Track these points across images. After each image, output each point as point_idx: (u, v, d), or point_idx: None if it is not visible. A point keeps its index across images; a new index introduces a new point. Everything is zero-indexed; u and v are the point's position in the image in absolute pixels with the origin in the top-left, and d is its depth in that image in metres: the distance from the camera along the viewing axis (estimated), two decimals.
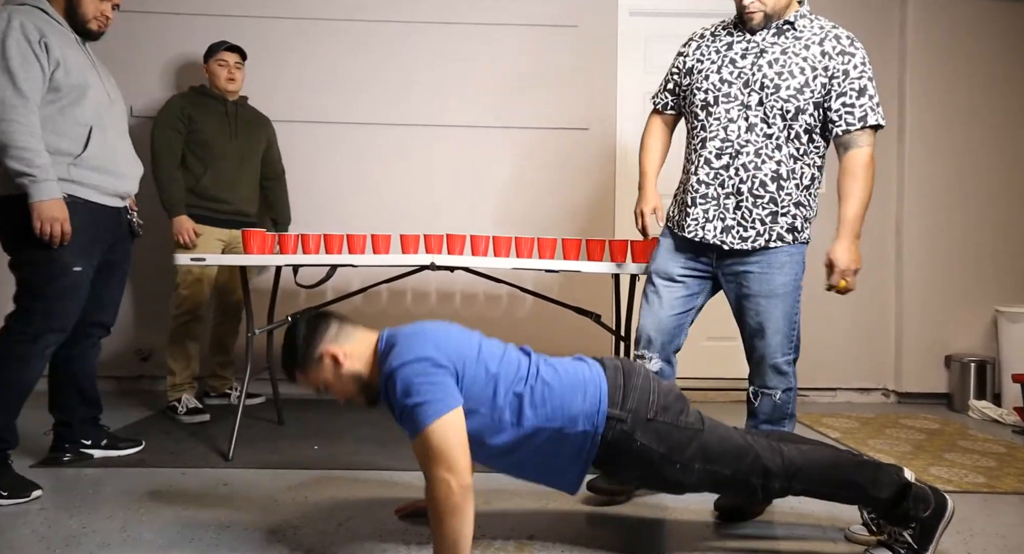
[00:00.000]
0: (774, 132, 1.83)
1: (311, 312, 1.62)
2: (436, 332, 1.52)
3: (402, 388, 1.41)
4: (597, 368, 1.57)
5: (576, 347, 3.43)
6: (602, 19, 3.48)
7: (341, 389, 1.56)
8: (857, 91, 1.80)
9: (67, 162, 2.00)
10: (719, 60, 1.90)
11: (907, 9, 3.45)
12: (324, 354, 1.53)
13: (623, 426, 1.48)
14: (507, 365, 1.52)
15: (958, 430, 2.94)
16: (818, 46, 1.83)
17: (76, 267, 2.03)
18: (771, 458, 1.52)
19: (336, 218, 3.38)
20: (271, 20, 3.41)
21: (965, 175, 3.47)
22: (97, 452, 2.28)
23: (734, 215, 1.87)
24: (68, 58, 2.01)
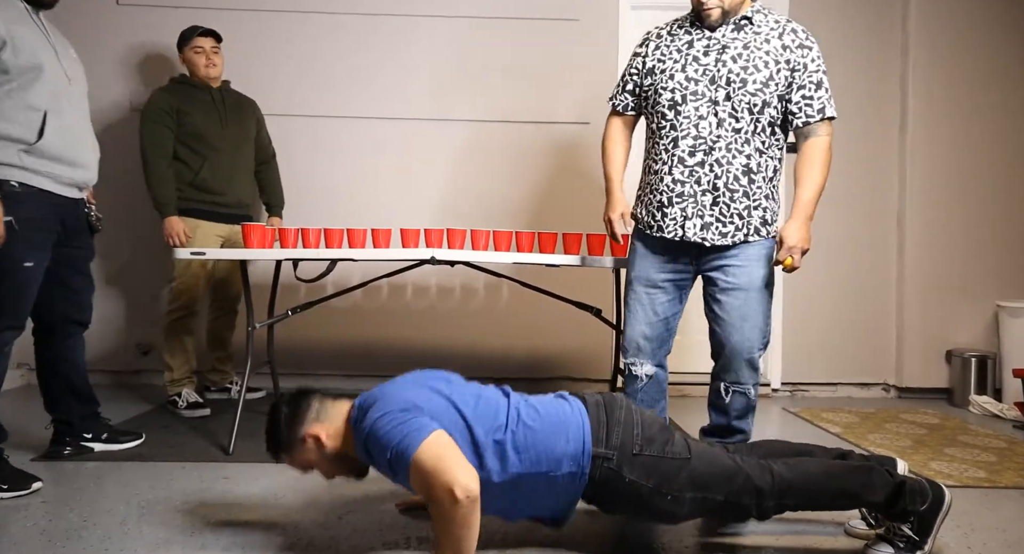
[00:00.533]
0: (742, 126, 1.86)
1: (291, 394, 1.58)
2: (404, 388, 1.50)
3: (381, 441, 1.38)
4: (578, 406, 1.54)
5: (577, 340, 3.46)
6: (603, 13, 3.46)
7: (327, 469, 1.56)
8: (815, 84, 1.86)
9: (18, 148, 1.88)
10: (682, 58, 1.91)
11: (909, 4, 3.43)
12: (307, 436, 1.51)
13: (610, 464, 1.47)
14: (484, 411, 1.49)
15: (958, 425, 2.94)
16: (778, 39, 1.87)
17: (27, 262, 1.93)
18: (761, 477, 1.51)
19: (337, 212, 3.37)
20: (270, 14, 3.40)
21: (967, 170, 3.46)
22: (98, 446, 2.28)
23: (711, 211, 1.88)
24: (16, 36, 1.86)
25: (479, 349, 3.47)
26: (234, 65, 3.38)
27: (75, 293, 2.16)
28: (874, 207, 3.52)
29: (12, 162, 1.87)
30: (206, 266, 2.88)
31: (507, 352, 3.48)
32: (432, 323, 3.46)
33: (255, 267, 3.18)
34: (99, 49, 3.37)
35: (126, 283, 3.42)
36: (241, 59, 3.38)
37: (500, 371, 3.47)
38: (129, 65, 3.37)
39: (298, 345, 3.39)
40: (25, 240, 1.91)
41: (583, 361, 3.48)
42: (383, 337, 3.45)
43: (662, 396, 2.05)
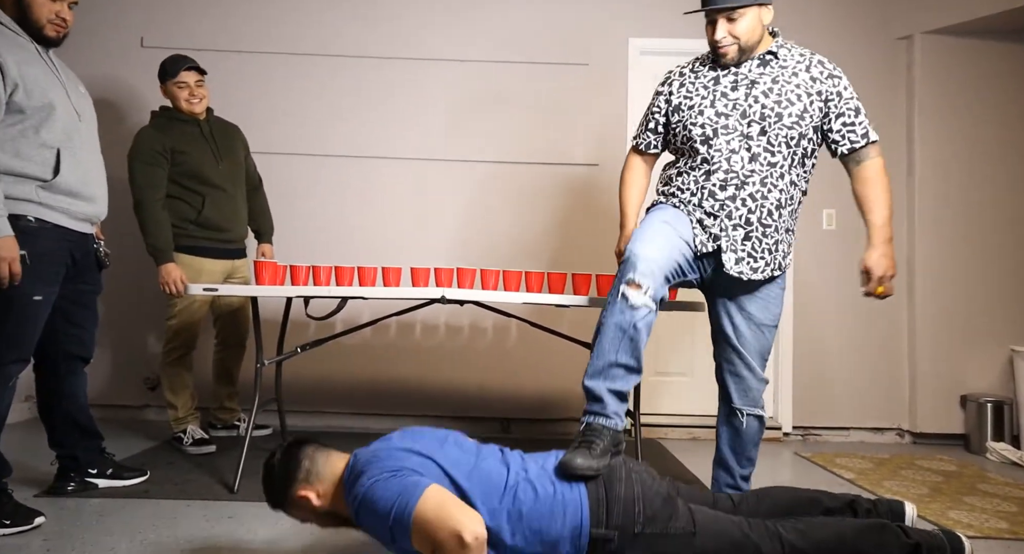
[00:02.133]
0: (778, 161, 1.86)
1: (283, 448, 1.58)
2: (396, 452, 1.47)
3: (377, 505, 1.35)
4: (579, 485, 1.47)
5: None
6: (613, 58, 3.55)
7: (320, 523, 1.57)
8: (854, 110, 1.87)
9: (36, 185, 1.91)
10: (709, 95, 1.90)
11: (914, 50, 3.49)
12: (297, 497, 1.51)
13: (611, 546, 1.41)
14: (479, 481, 1.44)
15: (977, 473, 2.87)
16: (806, 72, 1.88)
17: (36, 296, 1.93)
18: (771, 547, 1.45)
19: (348, 250, 3.41)
20: (294, 57, 3.50)
21: (976, 213, 3.46)
22: (102, 481, 2.27)
23: (743, 246, 1.87)
24: (28, 77, 1.90)
25: (487, 388, 3.45)
26: (258, 105, 3.48)
27: (79, 328, 2.17)
28: None
29: (29, 198, 1.91)
30: (206, 303, 2.86)
31: (515, 392, 3.45)
32: (441, 362, 3.45)
33: (264, 302, 3.20)
34: (124, 89, 3.48)
35: (132, 318, 3.44)
36: (265, 100, 3.48)
37: (508, 411, 3.44)
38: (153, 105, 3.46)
39: (306, 382, 3.39)
40: (36, 274, 1.92)
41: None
42: (391, 375, 3.43)
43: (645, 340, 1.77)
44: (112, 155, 3.55)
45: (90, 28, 3.43)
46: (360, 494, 1.40)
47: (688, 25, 3.53)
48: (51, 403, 2.18)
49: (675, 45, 3.54)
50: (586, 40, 3.54)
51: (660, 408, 3.49)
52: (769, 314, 1.95)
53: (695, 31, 3.51)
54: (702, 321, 3.52)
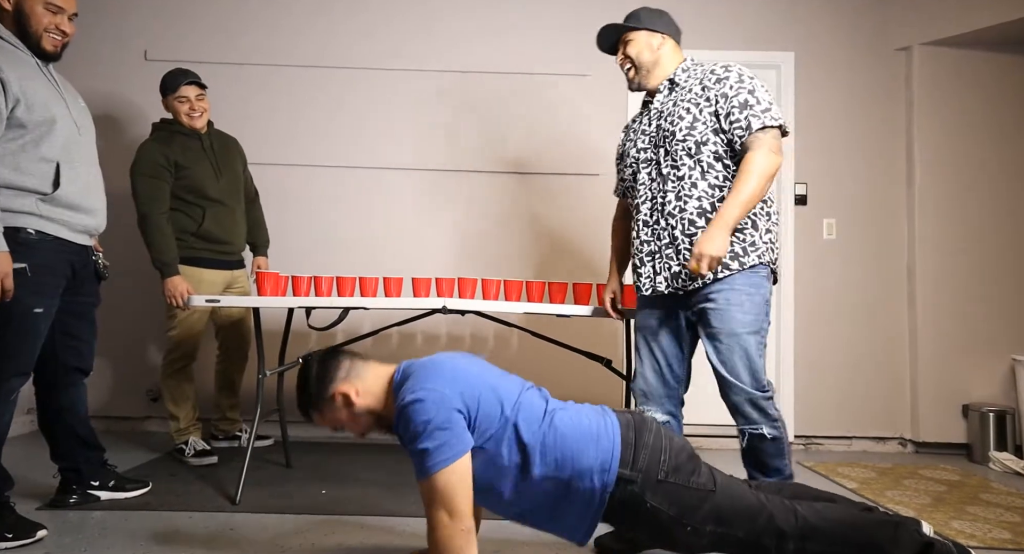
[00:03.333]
0: (684, 173, 1.95)
1: (322, 352, 1.64)
2: (452, 367, 1.53)
3: (413, 427, 1.42)
4: (614, 423, 1.54)
5: (586, 392, 3.42)
6: (613, 69, 3.55)
7: (356, 426, 1.59)
8: (739, 106, 1.89)
9: (36, 198, 1.91)
10: (635, 136, 2.10)
11: (913, 61, 3.52)
12: (336, 393, 1.55)
13: (633, 487, 1.46)
14: (523, 408, 1.51)
15: (979, 482, 2.86)
16: (698, 85, 1.97)
17: (37, 308, 1.93)
18: (785, 518, 1.48)
19: (348, 261, 3.42)
20: (296, 69, 3.53)
21: (977, 222, 3.47)
22: (104, 494, 2.26)
23: (675, 260, 1.95)
24: (29, 92, 1.90)
25: None
26: (257, 116, 3.50)
27: (78, 341, 2.17)
28: (884, 260, 3.53)
29: (30, 211, 1.91)
30: (207, 314, 2.87)
31: None
32: None
33: (266, 313, 3.20)
34: (127, 103, 3.50)
35: (134, 330, 3.45)
36: (264, 110, 3.50)
37: None
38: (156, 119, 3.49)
39: None
40: (36, 286, 1.92)
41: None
42: None
43: None
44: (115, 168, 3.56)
45: (93, 41, 3.46)
46: (406, 404, 1.45)
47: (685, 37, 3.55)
48: (51, 416, 2.18)
49: None
50: (586, 51, 3.56)
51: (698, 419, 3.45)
52: (730, 321, 1.87)
53: (692, 43, 3.54)
54: None
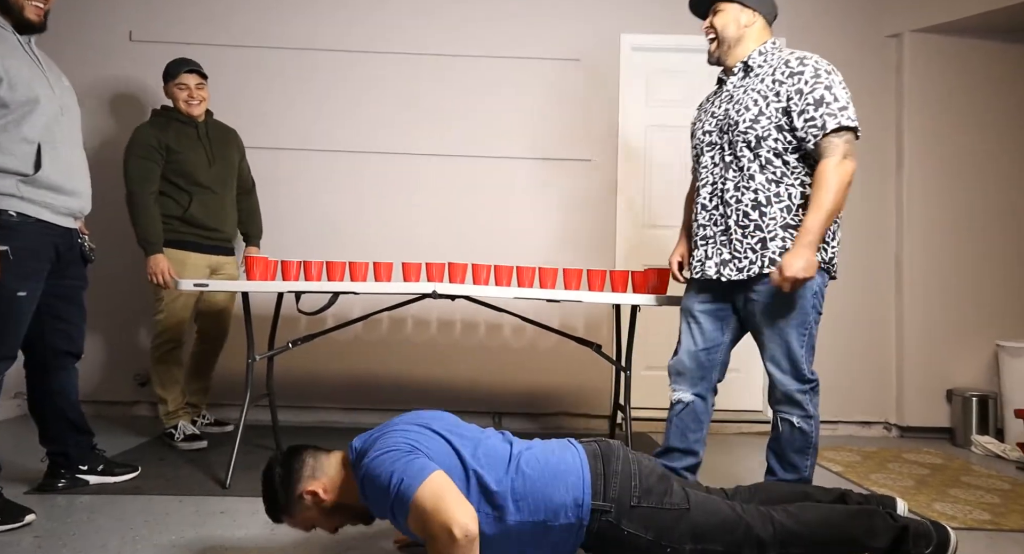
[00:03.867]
0: (744, 164, 1.93)
1: (283, 454, 1.58)
2: (404, 428, 1.50)
3: (378, 482, 1.38)
4: (581, 456, 1.53)
5: (577, 377, 3.45)
6: (605, 54, 3.55)
7: (328, 522, 1.56)
8: (813, 104, 1.83)
9: (17, 180, 1.89)
10: (704, 117, 2.08)
11: (903, 48, 3.52)
12: (304, 493, 1.51)
13: (608, 516, 1.45)
14: (484, 454, 1.49)
15: (961, 465, 2.91)
16: (770, 76, 1.92)
17: (20, 292, 1.92)
18: (763, 527, 1.50)
19: (339, 245, 3.40)
20: (285, 51, 3.48)
21: (964, 210, 3.50)
22: (93, 478, 2.26)
23: (727, 248, 1.96)
24: (12, 70, 1.87)
25: (479, 383, 3.46)
26: (247, 100, 3.46)
27: (67, 324, 2.15)
28: (871, 247, 3.56)
29: (11, 192, 1.88)
30: (193, 298, 2.85)
31: (506, 387, 3.46)
32: (432, 357, 3.45)
33: (255, 297, 3.19)
34: (112, 83, 3.45)
35: (121, 313, 3.42)
36: (254, 94, 3.46)
37: (499, 405, 3.45)
38: (141, 99, 3.44)
39: (298, 377, 3.38)
40: (19, 270, 1.90)
41: (583, 397, 3.46)
42: (383, 370, 3.44)
43: (699, 427, 2.06)
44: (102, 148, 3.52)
45: (78, 22, 3.40)
46: (366, 467, 1.42)
47: (679, 21, 3.54)
48: (41, 400, 2.17)
49: (667, 41, 3.55)
50: (578, 36, 3.54)
51: (650, 402, 3.51)
52: (774, 313, 1.90)
53: (687, 27, 3.52)
54: None
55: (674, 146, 3.62)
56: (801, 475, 1.94)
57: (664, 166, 3.62)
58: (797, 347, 1.89)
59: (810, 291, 1.88)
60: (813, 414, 1.92)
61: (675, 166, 3.61)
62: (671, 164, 3.62)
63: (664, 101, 3.64)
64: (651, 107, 3.62)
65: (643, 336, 3.41)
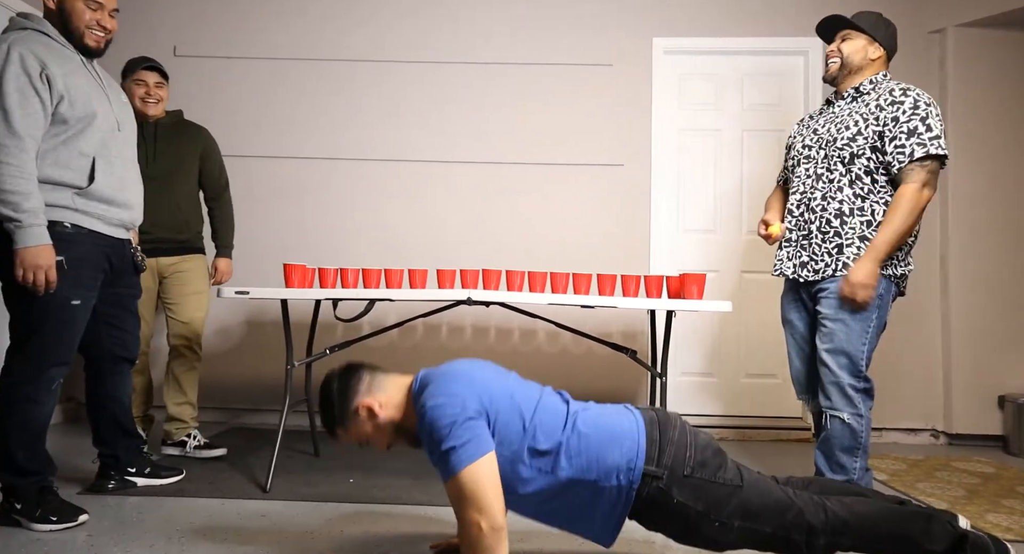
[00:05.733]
0: (835, 177, 2.06)
1: (341, 367, 1.63)
2: (470, 373, 1.53)
3: (434, 430, 1.42)
4: (638, 420, 1.54)
5: (611, 382, 3.43)
6: (637, 58, 3.54)
7: (381, 439, 1.60)
8: (906, 133, 1.96)
9: (72, 192, 1.95)
10: (805, 132, 2.22)
11: (947, 44, 3.42)
12: (360, 407, 1.55)
13: (659, 483, 1.45)
14: (543, 412, 1.51)
15: (1016, 475, 2.80)
16: (875, 102, 2.04)
17: (75, 300, 1.97)
18: (814, 514, 1.47)
19: (372, 253, 3.45)
20: (317, 62, 3.56)
21: (1013, 207, 3.38)
22: (140, 480, 2.33)
23: (807, 251, 2.11)
24: (72, 88, 1.94)
25: None
26: (280, 109, 3.54)
27: (121, 331, 2.22)
28: (916, 248, 3.44)
29: (66, 204, 1.95)
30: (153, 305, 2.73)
31: None
32: None
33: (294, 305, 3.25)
34: None
35: None
36: (283, 104, 3.54)
37: None
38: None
39: None
40: (73, 279, 1.95)
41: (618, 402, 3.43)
42: None
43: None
44: None
45: (123, 37, 3.52)
46: (426, 408, 1.45)
47: (712, 24, 3.51)
48: (96, 403, 2.25)
49: (699, 44, 3.52)
50: (610, 40, 3.54)
51: (687, 409, 3.47)
52: (836, 307, 2.02)
53: (719, 30, 3.49)
54: (727, 321, 3.50)
55: (707, 149, 3.58)
56: (849, 477, 1.95)
57: (697, 169, 3.58)
58: (857, 341, 1.99)
59: (875, 292, 1.98)
60: (864, 413, 1.98)
61: (708, 169, 3.57)
62: (704, 167, 3.58)
63: (696, 104, 3.60)
64: (683, 110, 3.60)
65: (679, 342, 3.37)
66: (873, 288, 1.94)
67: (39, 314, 1.94)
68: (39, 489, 1.98)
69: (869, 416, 1.99)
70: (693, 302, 2.33)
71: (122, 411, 2.28)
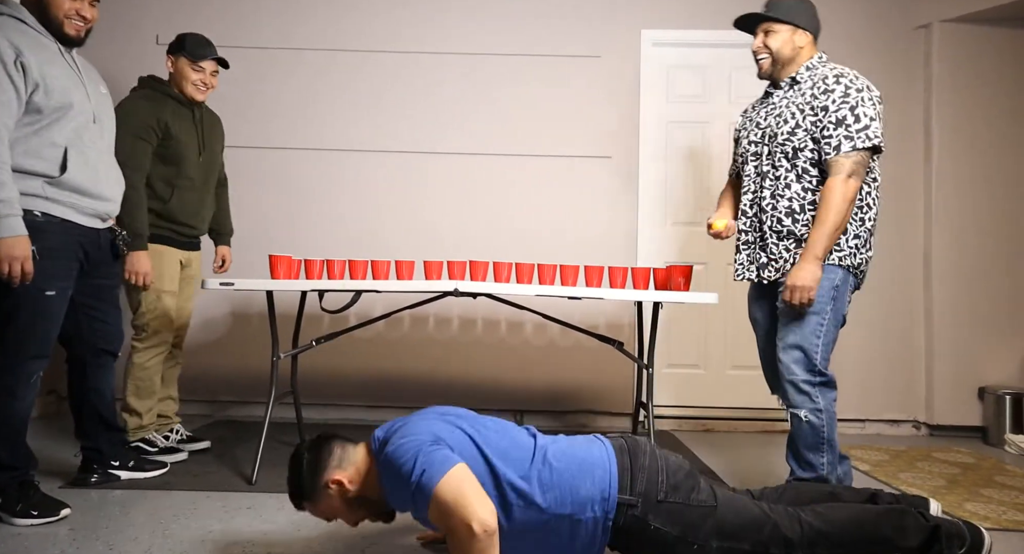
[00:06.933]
0: (781, 174, 2.01)
1: (311, 440, 1.59)
2: (425, 419, 1.51)
3: (401, 469, 1.38)
4: (608, 449, 1.53)
5: (598, 374, 3.44)
6: (625, 50, 3.53)
7: (350, 515, 1.56)
8: (835, 122, 1.92)
9: (43, 181, 1.91)
10: (750, 126, 2.15)
11: (932, 39, 3.44)
12: (329, 482, 1.51)
13: (634, 511, 1.45)
14: (507, 447, 1.49)
15: (994, 465, 2.84)
16: (810, 90, 2.00)
17: (49, 291, 1.93)
18: (790, 527, 1.48)
19: (360, 244, 3.43)
20: (309, 52, 3.52)
21: (997, 202, 3.42)
22: (124, 474, 2.31)
23: (764, 253, 2.06)
24: (49, 77, 1.89)
25: (500, 381, 3.47)
26: (265, 99, 3.50)
27: (102, 323, 2.19)
28: (899, 241, 3.49)
29: (36, 193, 1.91)
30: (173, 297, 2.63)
31: (528, 384, 3.47)
32: (454, 354, 3.47)
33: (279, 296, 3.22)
34: None
35: None
36: (272, 94, 3.50)
37: (521, 403, 3.45)
38: None
39: (321, 375, 3.42)
40: (46, 269, 1.91)
41: (605, 394, 3.45)
42: (405, 368, 3.46)
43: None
44: None
45: (106, 25, 3.46)
46: (389, 453, 1.42)
47: (700, 17, 3.50)
48: (79, 396, 2.22)
49: (687, 36, 3.52)
50: (598, 32, 3.53)
51: (673, 400, 3.49)
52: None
53: (707, 22, 3.49)
54: (714, 313, 3.52)
55: (695, 141, 3.59)
56: (818, 473, 1.93)
57: (685, 162, 3.59)
58: (811, 335, 1.93)
59: (830, 283, 1.93)
60: (823, 407, 1.92)
61: (696, 161, 3.58)
62: (692, 159, 3.59)
63: (684, 96, 3.61)
64: (671, 102, 3.60)
65: (665, 334, 3.39)
66: (814, 289, 1.88)
67: (13, 306, 1.90)
68: (20, 483, 1.95)
69: (832, 409, 1.93)
70: (680, 294, 2.34)
71: (104, 404, 2.25)
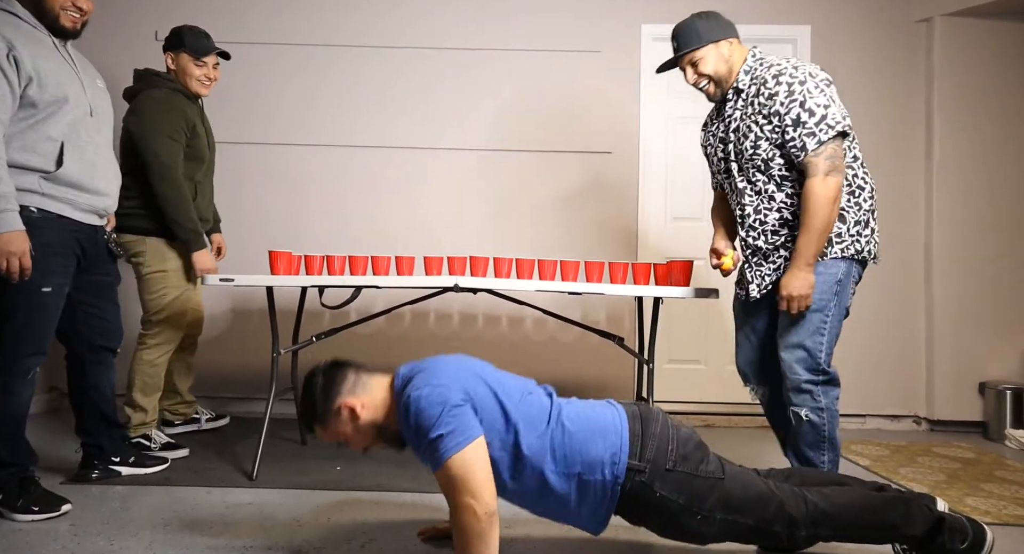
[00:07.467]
0: (759, 187, 1.97)
1: (327, 364, 1.60)
2: (453, 365, 1.52)
3: (420, 420, 1.40)
4: (621, 414, 1.54)
5: (598, 369, 3.44)
6: (626, 45, 3.52)
7: (360, 440, 1.57)
8: (791, 124, 1.86)
9: (39, 176, 1.90)
10: (714, 143, 2.10)
11: (934, 33, 3.43)
12: (342, 407, 1.52)
13: (642, 477, 1.46)
14: (526, 405, 1.51)
15: (995, 460, 2.85)
16: (755, 97, 1.93)
17: (45, 288, 1.92)
18: (795, 505, 1.49)
19: (360, 240, 3.43)
20: (310, 48, 3.51)
21: (998, 196, 3.41)
22: (125, 469, 2.31)
23: (764, 267, 2.01)
24: (43, 71, 1.88)
25: None
26: (264, 95, 3.49)
27: (100, 319, 2.18)
28: (900, 236, 3.48)
29: (32, 188, 1.89)
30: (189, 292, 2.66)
31: None
32: (455, 350, 3.42)
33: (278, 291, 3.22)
34: None
35: None
36: (271, 90, 3.49)
37: None
38: None
39: None
40: (43, 265, 1.90)
41: (605, 390, 3.45)
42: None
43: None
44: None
45: (104, 20, 3.45)
46: (411, 398, 1.43)
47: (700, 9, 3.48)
48: (78, 392, 2.22)
49: None
50: (598, 27, 3.51)
51: (674, 396, 3.49)
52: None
53: None
54: (715, 308, 3.51)
55: (696, 137, 3.57)
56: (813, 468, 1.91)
57: (685, 157, 3.58)
58: (814, 333, 1.89)
59: (832, 278, 1.90)
60: (825, 406, 1.89)
61: (697, 157, 3.57)
62: (693, 155, 3.57)
63: (685, 92, 3.56)
64: (672, 98, 3.58)
65: (665, 329, 3.38)
66: (810, 296, 1.86)
67: (9, 303, 1.90)
68: (20, 480, 1.95)
69: (834, 407, 1.91)
70: (680, 289, 2.33)
71: (103, 401, 2.25)
